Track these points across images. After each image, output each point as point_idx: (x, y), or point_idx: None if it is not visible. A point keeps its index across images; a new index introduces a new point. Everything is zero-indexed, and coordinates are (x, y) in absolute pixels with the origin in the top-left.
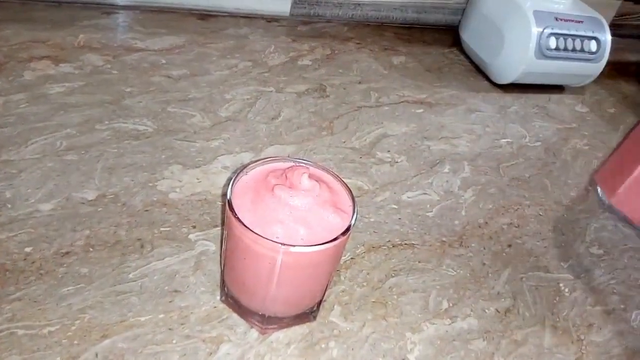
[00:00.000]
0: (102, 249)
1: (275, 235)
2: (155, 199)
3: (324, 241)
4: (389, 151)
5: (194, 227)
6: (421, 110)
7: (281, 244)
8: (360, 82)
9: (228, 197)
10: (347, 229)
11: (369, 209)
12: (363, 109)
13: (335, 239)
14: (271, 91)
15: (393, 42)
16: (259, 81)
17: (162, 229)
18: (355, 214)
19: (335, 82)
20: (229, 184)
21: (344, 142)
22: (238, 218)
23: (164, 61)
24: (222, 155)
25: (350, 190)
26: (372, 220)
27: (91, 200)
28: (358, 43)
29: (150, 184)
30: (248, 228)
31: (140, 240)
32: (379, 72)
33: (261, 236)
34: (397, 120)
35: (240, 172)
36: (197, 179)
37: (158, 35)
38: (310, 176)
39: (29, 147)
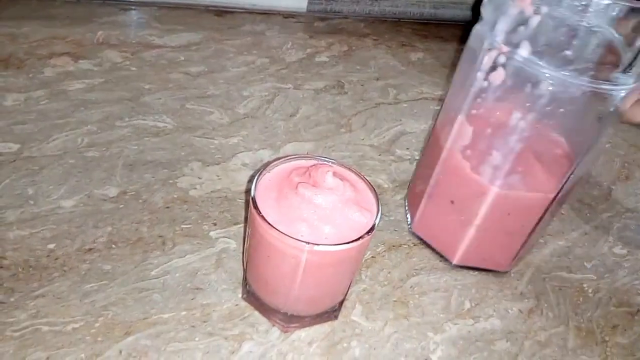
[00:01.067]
0: (124, 245)
1: (299, 233)
2: (175, 196)
3: (349, 240)
4: (408, 148)
5: (215, 224)
6: (440, 107)
7: (306, 242)
8: (378, 79)
9: (252, 194)
10: (372, 228)
11: (389, 207)
12: (381, 106)
13: (360, 238)
14: (289, 88)
15: (410, 38)
16: (276, 78)
17: (183, 226)
18: (379, 212)
19: (353, 79)
20: (252, 182)
21: (363, 139)
22: (262, 216)
23: (182, 58)
24: (241, 152)
25: (374, 189)
26: (392, 218)
27: (112, 197)
28: (375, 39)
29: (171, 181)
30: (272, 226)
31: (162, 237)
32: (396, 69)
33: (286, 234)
34: (416, 117)
35: (263, 169)
36: (217, 175)
37: (175, 32)
38: (334, 174)
39: (50, 143)
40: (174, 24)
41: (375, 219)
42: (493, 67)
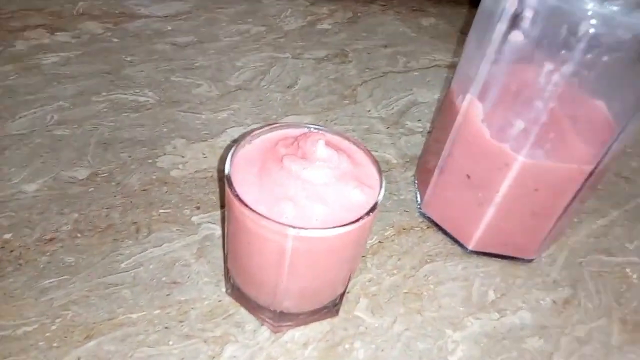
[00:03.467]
0: (92, 234)
1: (283, 215)
2: (154, 177)
3: (345, 222)
4: (419, 120)
5: (198, 208)
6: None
7: (291, 226)
8: (386, 47)
9: (227, 171)
10: (373, 207)
11: (398, 185)
12: (389, 75)
13: (358, 220)
14: (287, 57)
15: (421, 3)
16: (273, 47)
17: (161, 211)
18: (383, 189)
19: (358, 47)
20: (227, 155)
21: (369, 111)
22: (238, 195)
23: (169, 28)
24: (231, 127)
25: (377, 162)
26: (402, 197)
27: (82, 180)
28: (383, 5)
29: (150, 161)
30: (249, 207)
31: (136, 224)
32: (406, 35)
33: (266, 217)
34: (429, 86)
35: (242, 140)
36: (203, 154)
37: (163, 1)
38: (328, 144)
39: (16, 121)
40: None
41: (378, 196)
42: (518, 11)
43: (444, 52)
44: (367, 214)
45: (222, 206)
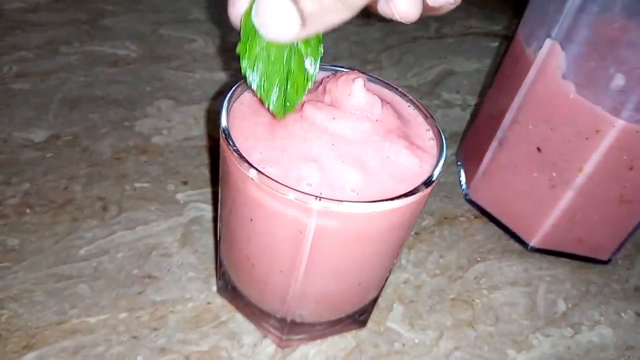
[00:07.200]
0: (45, 210)
1: (304, 181)
2: (131, 143)
3: (393, 195)
4: (458, 92)
5: (185, 183)
6: (496, 44)
7: (317, 197)
8: None
9: (223, 121)
10: (430, 180)
11: None
12: (420, 40)
13: (412, 192)
14: None
15: None
16: None
17: (137, 184)
18: (444, 153)
19: None
20: (224, 102)
21: (397, 78)
22: (238, 151)
23: None
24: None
25: (432, 117)
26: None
27: (39, 143)
28: None
29: (126, 124)
30: (255, 168)
31: (103, 200)
32: None
33: (278, 182)
34: (466, 55)
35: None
36: (194, 118)
37: None
38: (368, 89)
39: None
40: None
41: (438, 163)
42: None
43: (482, 18)
44: (425, 184)
45: (217, 182)
